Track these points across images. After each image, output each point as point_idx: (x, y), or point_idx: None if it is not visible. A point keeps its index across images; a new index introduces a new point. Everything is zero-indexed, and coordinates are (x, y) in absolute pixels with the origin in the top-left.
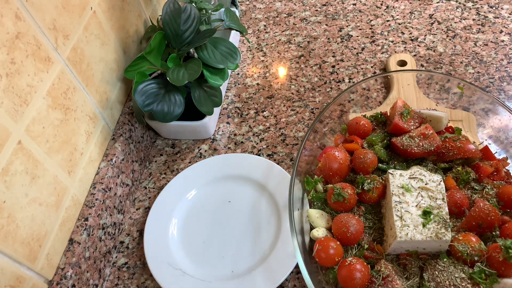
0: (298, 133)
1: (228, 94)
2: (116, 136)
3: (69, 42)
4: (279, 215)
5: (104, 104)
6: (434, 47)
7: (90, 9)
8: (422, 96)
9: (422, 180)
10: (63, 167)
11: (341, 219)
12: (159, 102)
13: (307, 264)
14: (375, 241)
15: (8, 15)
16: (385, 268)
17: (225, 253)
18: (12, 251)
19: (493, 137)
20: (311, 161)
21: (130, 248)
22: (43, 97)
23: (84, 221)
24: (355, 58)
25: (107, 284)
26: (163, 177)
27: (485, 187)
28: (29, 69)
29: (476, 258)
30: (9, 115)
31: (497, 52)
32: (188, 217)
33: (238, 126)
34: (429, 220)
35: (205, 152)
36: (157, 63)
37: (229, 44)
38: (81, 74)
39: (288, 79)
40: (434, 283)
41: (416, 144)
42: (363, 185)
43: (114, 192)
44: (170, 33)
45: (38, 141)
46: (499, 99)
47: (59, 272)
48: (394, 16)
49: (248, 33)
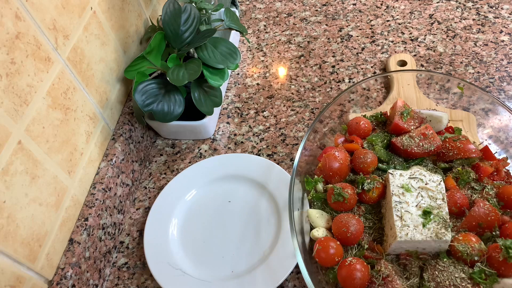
0: (298, 133)
1: (228, 94)
2: (116, 136)
3: (69, 42)
4: (279, 215)
5: (104, 104)
6: (434, 47)
7: (90, 9)
8: (422, 96)
9: (422, 180)
10: (63, 167)
11: (341, 219)
12: (159, 102)
13: (307, 264)
14: (375, 241)
15: (8, 15)
16: (385, 268)
17: (225, 253)
18: (12, 251)
19: (493, 137)
20: (311, 161)
21: (130, 248)
22: (43, 97)
23: (84, 221)
24: (355, 58)
25: (107, 284)
26: (163, 177)
27: (485, 187)
28: (29, 69)
29: (476, 258)
30: (9, 115)
31: (497, 52)
32: (188, 217)
33: (238, 126)
34: (429, 220)
35: (205, 152)
36: (157, 63)
37: (229, 44)
38: (81, 74)
39: (288, 79)
40: (434, 283)
41: (416, 144)
42: (363, 185)
43: (114, 192)
44: (170, 33)
45: (38, 141)
46: (499, 99)
47: (59, 272)
48: (394, 16)
49: (248, 33)
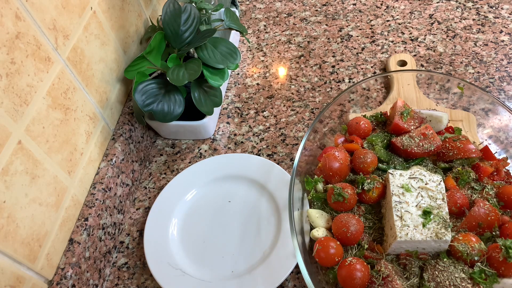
0: (298, 133)
1: (228, 94)
2: (116, 136)
3: (69, 42)
4: (279, 215)
5: (104, 104)
6: (434, 47)
7: (90, 9)
8: (422, 96)
9: (422, 180)
10: (63, 167)
11: (341, 219)
12: (159, 102)
13: (307, 264)
14: (375, 241)
15: (8, 15)
16: (385, 268)
17: (225, 253)
18: (12, 251)
19: (493, 137)
20: (311, 161)
21: (130, 248)
22: (43, 97)
23: (84, 221)
24: (355, 58)
25: (107, 284)
26: (163, 177)
27: (485, 187)
28: (29, 69)
29: (476, 258)
30: (9, 115)
31: (497, 52)
32: (188, 217)
33: (238, 126)
34: (429, 220)
35: (205, 152)
36: (157, 63)
37: (229, 44)
38: (81, 74)
39: (288, 79)
40: (434, 283)
41: (416, 144)
42: (363, 185)
43: (114, 192)
44: (170, 33)
45: (38, 141)
46: (499, 99)
47: (59, 272)
48: (394, 16)
49: (248, 33)
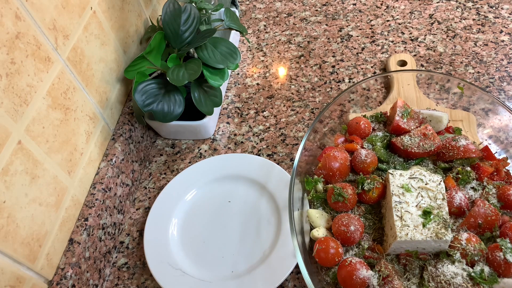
0: (298, 133)
1: (228, 94)
2: (116, 136)
3: (69, 42)
4: (279, 215)
5: (104, 104)
6: (434, 47)
7: (90, 9)
8: (422, 96)
9: (422, 180)
10: (63, 167)
11: (341, 219)
12: (159, 102)
13: (307, 264)
14: (375, 241)
15: (8, 15)
16: (385, 268)
17: (225, 253)
18: (12, 251)
19: (493, 137)
20: (311, 161)
21: (130, 248)
22: (43, 97)
23: (84, 221)
24: (355, 58)
25: (107, 284)
26: (163, 177)
27: (485, 187)
28: (29, 69)
29: (476, 258)
30: (9, 115)
31: (497, 52)
32: (188, 217)
33: (238, 126)
34: (429, 220)
35: (205, 152)
36: (157, 63)
37: (229, 44)
38: (81, 74)
39: (288, 79)
40: (434, 283)
41: (416, 144)
42: (363, 185)
43: (114, 192)
44: (170, 33)
45: (38, 141)
46: (499, 99)
47: (59, 272)
48: (394, 16)
49: (248, 33)
